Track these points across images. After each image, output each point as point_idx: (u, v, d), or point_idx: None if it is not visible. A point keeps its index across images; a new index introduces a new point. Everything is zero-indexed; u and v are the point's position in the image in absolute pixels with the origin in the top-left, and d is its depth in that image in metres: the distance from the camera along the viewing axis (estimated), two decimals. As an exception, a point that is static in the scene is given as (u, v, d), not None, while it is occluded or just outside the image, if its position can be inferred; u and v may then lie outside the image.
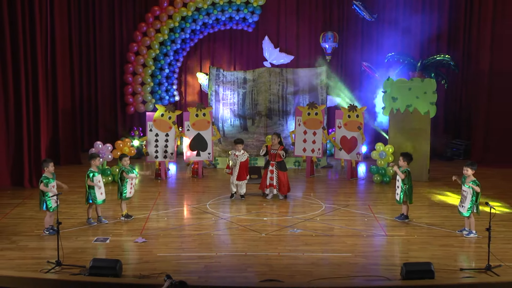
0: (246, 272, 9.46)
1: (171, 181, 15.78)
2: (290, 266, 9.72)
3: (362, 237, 11.26)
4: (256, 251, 10.36)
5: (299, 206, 13.40)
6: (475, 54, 18.38)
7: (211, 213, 12.67)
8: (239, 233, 11.40)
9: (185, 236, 11.17)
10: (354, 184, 15.66)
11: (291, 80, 17.81)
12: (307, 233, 11.37)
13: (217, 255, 10.17)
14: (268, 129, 17.60)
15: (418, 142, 15.59)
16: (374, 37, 18.86)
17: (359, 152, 15.84)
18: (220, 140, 17.31)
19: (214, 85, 17.58)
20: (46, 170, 11.10)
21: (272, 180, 13.74)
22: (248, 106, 17.77)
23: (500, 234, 11.23)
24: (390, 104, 15.93)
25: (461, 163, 15.32)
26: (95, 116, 19.48)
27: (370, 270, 9.61)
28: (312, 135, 16.33)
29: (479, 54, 18.19)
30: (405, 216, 12.14)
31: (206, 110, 16.16)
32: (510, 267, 9.59)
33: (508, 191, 14.74)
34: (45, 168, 11.12)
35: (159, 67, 19.32)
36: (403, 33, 18.36)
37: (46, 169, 11.10)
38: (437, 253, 10.34)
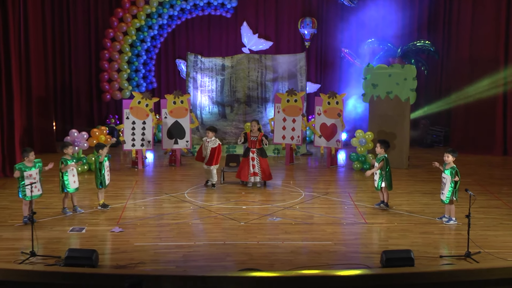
0: (225, 261, 9.46)
1: (148, 170, 15.71)
2: (269, 254, 9.73)
3: (342, 225, 11.30)
4: (235, 240, 10.35)
5: (278, 194, 13.41)
6: (455, 40, 18.46)
7: (189, 201, 12.63)
8: (217, 222, 11.38)
9: (163, 225, 11.12)
10: (334, 172, 15.69)
11: (270, 67, 17.77)
12: (286, 222, 11.38)
13: (196, 244, 10.14)
14: (247, 116, 17.57)
15: (398, 129, 15.66)
16: (354, 23, 18.86)
17: (338, 139, 15.87)
18: (198, 127, 17.24)
19: (192, 72, 17.49)
20: (27, 160, 10.98)
21: (254, 168, 13.72)
22: (226, 93, 17.71)
23: (480, 221, 11.33)
24: (370, 91, 15.96)
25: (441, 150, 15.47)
26: (70, 104, 19.29)
27: (350, 258, 9.65)
28: (291, 122, 16.33)
29: (459, 40, 18.27)
30: (385, 204, 12.19)
31: (184, 97, 16.07)
32: (489, 254, 9.69)
33: (487, 177, 14.88)
34: (25, 158, 11.01)
35: (135, 54, 19.16)
36: (383, 18, 18.38)
37: (26, 158, 10.99)
38: (417, 240, 10.42)
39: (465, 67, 18.00)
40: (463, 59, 18.02)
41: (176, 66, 19.51)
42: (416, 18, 19.05)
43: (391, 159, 12.64)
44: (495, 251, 9.82)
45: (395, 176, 13.59)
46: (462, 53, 18.07)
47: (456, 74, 18.43)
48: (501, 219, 11.57)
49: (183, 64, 19.08)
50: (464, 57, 18.01)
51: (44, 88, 17.29)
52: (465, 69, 18.00)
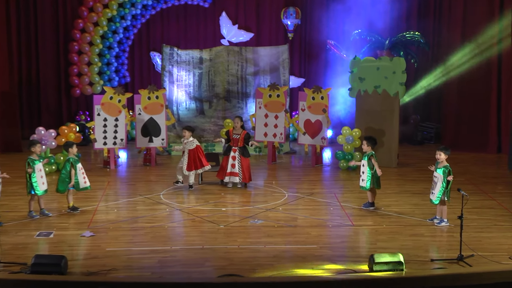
0: (204, 267, 9.44)
1: (121, 170, 15.64)
2: (250, 259, 9.73)
3: (328, 228, 11.33)
4: (214, 244, 10.34)
5: (260, 195, 13.41)
6: (446, 32, 18.57)
7: (165, 203, 12.60)
8: (195, 225, 11.36)
9: (137, 229, 11.08)
10: (319, 171, 15.73)
11: (251, 60, 17.76)
12: (269, 224, 11.38)
13: (172, 249, 10.12)
14: (227, 112, 17.55)
15: (386, 125, 15.73)
16: (340, 13, 18.90)
17: (324, 136, 15.90)
18: (174, 125, 17.20)
19: (167, 65, 17.43)
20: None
21: (234, 167, 13.71)
22: (204, 88, 17.68)
23: (473, 222, 11.42)
24: (357, 85, 16.02)
25: (433, 147, 15.55)
26: (37, 100, 19.14)
27: (336, 262, 9.67)
28: (273, 119, 16.33)
29: (450, 32, 18.38)
30: (371, 204, 12.25)
31: (159, 92, 16.02)
32: (483, 257, 9.76)
33: (481, 176, 14.99)
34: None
35: (107, 46, 19.06)
36: (371, 9, 18.44)
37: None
38: (406, 243, 10.47)
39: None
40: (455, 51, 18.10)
41: (151, 59, 19.43)
42: (405, 8, 19.12)
43: (379, 157, 12.68)
44: (489, 254, 9.90)
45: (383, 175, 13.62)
46: (454, 44, 18.16)
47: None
48: (495, 220, 11.67)
49: (158, 57, 19.01)
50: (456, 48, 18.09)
51: (8, 82, 17.13)
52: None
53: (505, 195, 13.35)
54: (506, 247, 10.29)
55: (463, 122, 18.12)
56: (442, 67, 18.27)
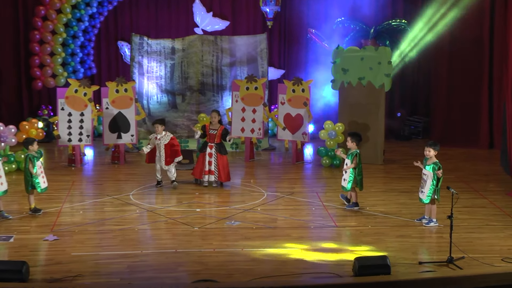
0: (177, 272, 9.42)
1: (87, 168, 15.58)
2: (227, 263, 9.72)
3: (310, 229, 11.35)
4: (188, 248, 10.32)
5: (237, 195, 13.42)
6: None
7: (135, 204, 12.56)
8: (168, 227, 11.34)
9: (105, 232, 11.04)
10: (300, 169, 15.76)
11: (226, 50, 17.74)
12: (246, 226, 11.39)
13: (143, 253, 10.08)
14: (201, 106, 17.53)
15: (371, 119, 15.79)
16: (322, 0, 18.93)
17: (305, 131, 15.93)
18: (145, 119, 17.14)
19: (137, 56, 17.36)
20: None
21: (210, 165, 13.69)
22: (177, 80, 17.64)
23: (463, 223, 11.50)
24: (340, 77, 16.06)
25: (420, 142, 15.64)
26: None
27: (318, 266, 9.69)
28: (251, 113, 16.33)
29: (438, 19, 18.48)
30: (355, 204, 12.29)
31: (128, 85, 15.96)
32: (474, 259, 9.83)
33: (472, 173, 15.12)
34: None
35: (71, 35, 18.92)
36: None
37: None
38: (393, 245, 10.51)
39: (445, 49, 18.21)
40: (444, 40, 18.22)
41: (119, 49, 19.33)
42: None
43: (364, 154, 12.73)
44: (481, 256, 9.97)
45: (369, 173, 13.71)
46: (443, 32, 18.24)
47: (436, 56, 18.63)
48: (487, 220, 11.76)
49: (126, 47, 18.91)
50: (444, 37, 18.21)
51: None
52: (446, 51, 18.21)
53: (497, 193, 13.46)
54: (498, 249, 10.38)
55: (453, 116, 18.25)
56: None
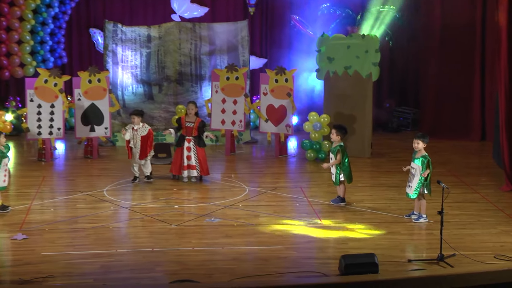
0: (154, 272, 9.42)
1: (58, 163, 15.52)
2: (207, 263, 9.74)
3: (294, 226, 11.37)
4: (165, 246, 10.33)
5: (217, 191, 13.43)
6: (424, 4, 18.70)
7: (109, 201, 12.54)
8: (144, 225, 11.33)
9: (77, 230, 11.01)
10: (284, 163, 15.78)
11: (205, 38, 17.69)
12: (227, 223, 11.39)
13: (118, 253, 10.08)
14: (179, 97, 17.48)
15: (358, 110, 15.82)
16: (305, -15, 18.94)
17: (288, 123, 15.94)
18: (119, 111, 17.07)
19: (110, 44, 17.28)
20: None
21: (190, 159, 13.66)
22: (153, 70, 17.58)
23: (454, 218, 11.58)
24: (326, 66, 16.07)
25: (409, 135, 15.69)
26: (-42, 84, 18.85)
27: (303, 264, 9.73)
28: (232, 104, 16.32)
29: (428, 4, 18.52)
30: (342, 199, 12.33)
31: (101, 75, 15.90)
32: (465, 257, 9.90)
33: (463, 167, 15.21)
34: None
35: (40, 22, 18.78)
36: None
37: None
38: (381, 242, 10.57)
39: (436, 36, 18.26)
40: (434, 27, 18.28)
41: (91, 37, 19.22)
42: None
43: (351, 147, 12.77)
44: (472, 253, 10.04)
45: (355, 167, 13.72)
46: (433, 19, 18.32)
47: (426, 44, 18.68)
48: (478, 216, 11.85)
49: (99, 35, 18.82)
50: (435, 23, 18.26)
51: None
52: (436, 39, 18.26)
53: (489, 187, 13.56)
54: (490, 245, 10.46)
55: (444, 107, 18.31)
56: None
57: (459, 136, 17.89)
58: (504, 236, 10.82)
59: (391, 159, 15.70)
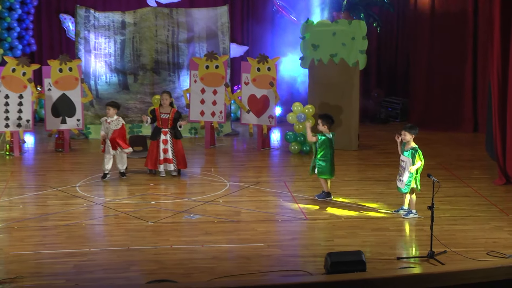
0: (129, 272, 9.43)
1: (27, 157, 15.47)
2: (185, 261, 9.75)
3: (277, 222, 11.40)
4: (141, 245, 10.33)
5: (196, 186, 13.42)
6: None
7: (82, 197, 12.52)
8: (119, 222, 11.32)
9: (48, 228, 10.99)
10: (266, 156, 15.80)
11: (183, 24, 17.65)
12: (207, 220, 11.40)
13: (91, 251, 10.07)
14: (155, 87, 17.43)
15: (345, 101, 15.85)
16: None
17: (271, 115, 15.94)
18: (92, 102, 17.01)
19: (83, 31, 17.20)
20: None
21: (166, 153, 13.64)
22: (128, 58, 17.52)
23: (445, 214, 11.64)
24: (310, 54, 16.08)
25: (398, 126, 15.75)
26: None
27: (287, 263, 9.76)
28: (211, 95, 16.30)
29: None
30: (327, 194, 12.36)
31: (73, 63, 15.84)
32: (457, 254, 9.97)
33: (454, 159, 15.28)
34: None
35: (7, 7, 18.65)
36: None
37: None
38: (369, 239, 10.62)
39: (426, 23, 18.32)
40: (424, 14, 18.33)
41: (61, 23, 19.12)
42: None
43: (337, 139, 12.76)
44: (464, 250, 10.11)
45: (342, 159, 13.80)
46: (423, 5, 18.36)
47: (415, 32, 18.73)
48: (470, 211, 11.91)
49: (70, 21, 18.71)
50: (425, 10, 18.32)
51: None
52: (427, 26, 18.31)
53: (482, 181, 13.63)
54: (483, 242, 10.53)
55: (434, 97, 18.37)
56: None
57: (450, 128, 17.95)
58: (497, 232, 10.90)
59: (379, 152, 15.75)
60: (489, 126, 14.68)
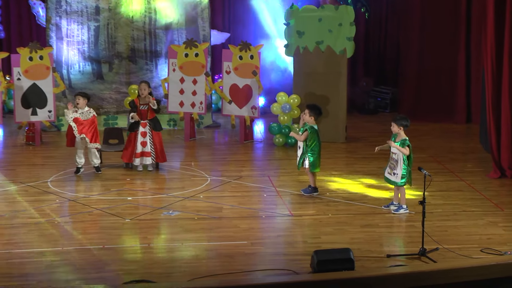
0: (104, 272, 9.41)
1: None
2: (164, 261, 9.76)
3: (261, 219, 11.42)
4: (117, 243, 10.33)
5: (176, 180, 13.42)
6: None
7: (54, 193, 12.49)
8: (94, 219, 11.31)
9: (18, 226, 10.94)
10: (249, 149, 15.81)
11: (161, 10, 17.60)
12: (187, 216, 11.40)
13: (64, 250, 10.04)
14: (132, 76, 17.39)
15: (332, 90, 15.87)
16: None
17: (254, 105, 15.95)
18: (64, 92, 16.95)
19: (54, 17, 17.12)
20: None
21: (145, 146, 13.61)
22: (103, 46, 17.46)
23: (437, 209, 11.69)
24: (295, 41, 16.09)
25: (388, 117, 15.78)
26: None
27: (271, 261, 9.77)
28: (191, 84, 16.28)
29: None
30: (314, 189, 12.38)
31: (43, 51, 15.80)
32: (449, 251, 10.01)
33: (446, 152, 15.34)
34: None
35: (-26, -8, 18.59)
36: None
37: None
38: (357, 236, 10.65)
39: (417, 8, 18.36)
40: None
41: (31, 9, 19.03)
42: None
43: (323, 131, 12.81)
44: (457, 247, 10.15)
45: (329, 152, 13.84)
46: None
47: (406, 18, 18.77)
48: (463, 205, 11.97)
49: (40, 6, 18.62)
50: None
51: None
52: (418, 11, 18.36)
53: (475, 174, 13.70)
54: (477, 238, 10.58)
55: (425, 87, 18.42)
56: None
57: (443, 118, 18.02)
58: (491, 228, 10.96)
59: (368, 144, 15.74)
60: (483, 116, 14.76)
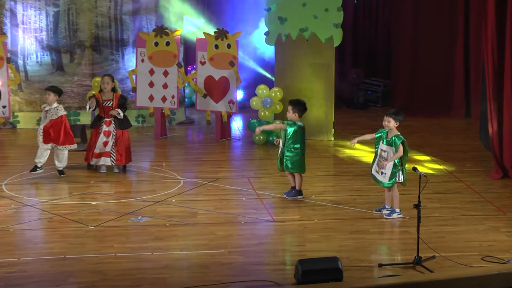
0: (66, 284, 9.37)
1: None
2: (133, 271, 9.72)
3: (240, 225, 11.42)
4: (81, 253, 10.28)
5: (145, 183, 13.44)
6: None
7: (9, 197, 12.46)
8: (54, 227, 11.27)
9: (-30, 234, 10.91)
10: (226, 148, 15.82)
11: (128, -7, 17.59)
12: (158, 223, 11.40)
13: (21, 261, 10.00)
14: (95, 67, 17.34)
15: (317, 83, 15.90)
16: None
17: (232, 99, 15.95)
18: (21, 85, 16.90)
19: (8, 2, 17.05)
20: None
21: (106, 145, 13.58)
22: (63, 34, 17.41)
23: (434, 213, 11.73)
24: (277, 28, 16.09)
25: (380, 112, 15.83)
26: None
27: (251, 272, 9.76)
28: (162, 76, 16.26)
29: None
30: (298, 191, 12.39)
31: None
32: (447, 259, 10.04)
33: (444, 150, 15.41)
34: None
35: None
36: None
37: None
38: (346, 243, 10.67)
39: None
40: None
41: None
42: None
43: (309, 127, 12.82)
44: (456, 255, 10.19)
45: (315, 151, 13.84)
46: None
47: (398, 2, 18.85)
48: (462, 209, 12.02)
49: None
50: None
51: None
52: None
53: (475, 175, 13.76)
54: (477, 245, 10.62)
55: (420, 78, 18.50)
56: None
57: (439, 113, 18.10)
58: (493, 233, 11.01)
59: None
60: (483, 111, 14.79)
